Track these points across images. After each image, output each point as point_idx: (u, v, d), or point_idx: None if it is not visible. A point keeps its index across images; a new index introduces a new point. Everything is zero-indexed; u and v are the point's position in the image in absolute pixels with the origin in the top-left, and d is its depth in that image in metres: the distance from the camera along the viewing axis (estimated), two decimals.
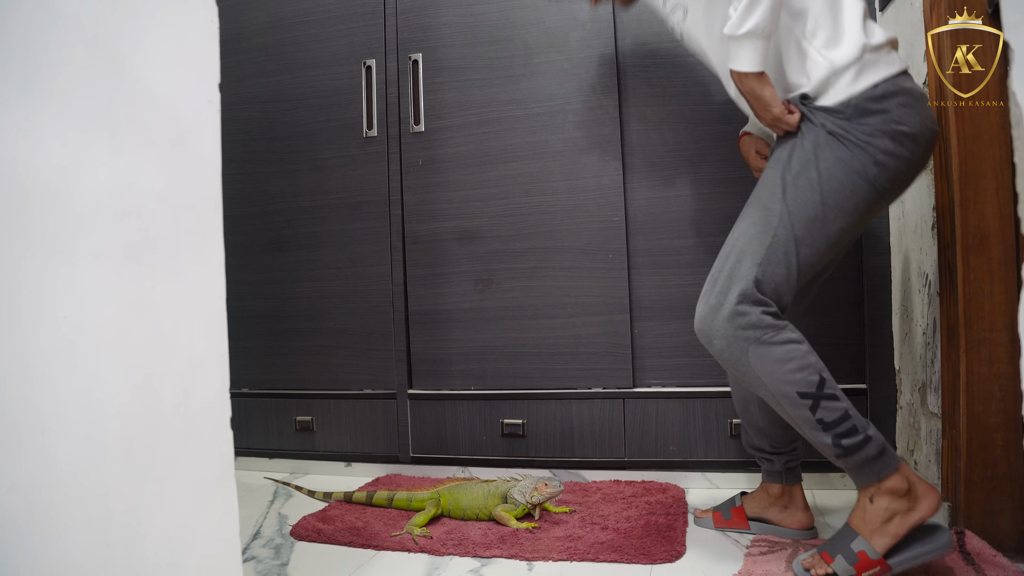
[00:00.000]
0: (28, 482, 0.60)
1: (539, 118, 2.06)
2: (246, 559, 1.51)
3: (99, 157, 0.69)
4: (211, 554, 0.84)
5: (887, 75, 1.20)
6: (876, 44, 1.21)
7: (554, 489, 1.63)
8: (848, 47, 1.19)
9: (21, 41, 0.61)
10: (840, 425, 1.18)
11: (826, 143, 1.19)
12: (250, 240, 2.32)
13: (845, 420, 1.18)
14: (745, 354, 1.21)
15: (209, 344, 0.84)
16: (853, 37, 1.20)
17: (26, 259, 0.61)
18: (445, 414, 2.14)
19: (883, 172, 1.19)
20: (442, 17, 2.14)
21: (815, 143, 1.20)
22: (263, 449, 2.33)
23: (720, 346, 1.23)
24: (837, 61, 1.19)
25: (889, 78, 1.19)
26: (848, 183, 1.19)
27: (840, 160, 1.18)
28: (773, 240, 1.22)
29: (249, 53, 2.33)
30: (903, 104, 1.18)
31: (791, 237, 1.21)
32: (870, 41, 1.20)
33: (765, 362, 1.20)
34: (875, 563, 1.17)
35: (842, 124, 1.18)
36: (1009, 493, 1.34)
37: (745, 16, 1.16)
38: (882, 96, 1.18)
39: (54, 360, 0.63)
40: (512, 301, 2.08)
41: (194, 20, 0.83)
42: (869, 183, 1.19)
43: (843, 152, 1.18)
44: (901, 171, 1.22)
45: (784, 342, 1.20)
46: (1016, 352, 1.31)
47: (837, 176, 1.19)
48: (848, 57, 1.19)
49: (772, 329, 1.20)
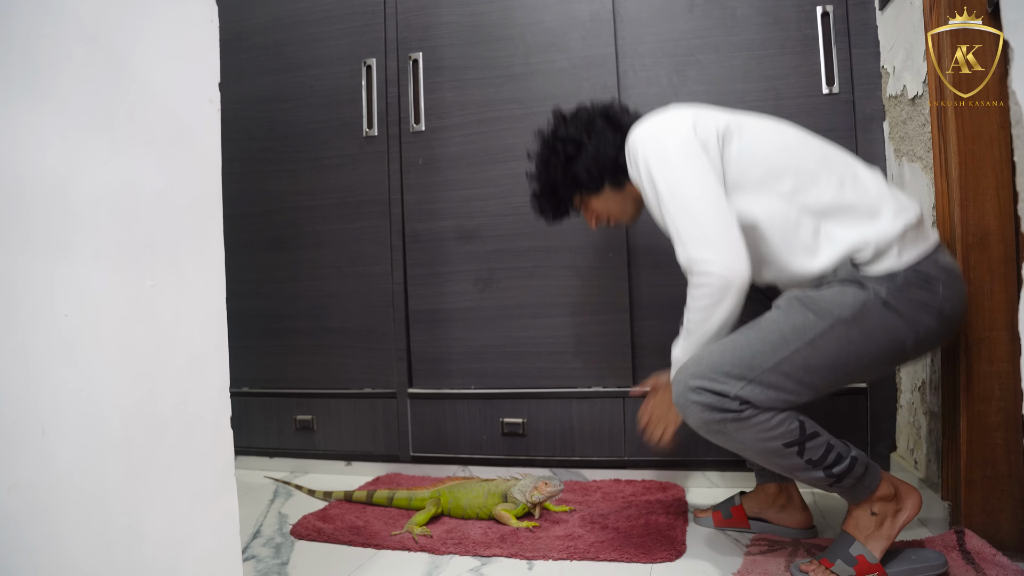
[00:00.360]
0: (28, 481, 0.60)
1: (539, 117, 2.04)
2: (246, 558, 1.51)
3: (99, 156, 0.69)
4: (211, 553, 0.84)
5: (927, 251, 1.23)
6: (915, 221, 1.23)
7: (554, 488, 1.63)
8: (888, 225, 1.21)
9: (21, 39, 0.61)
10: (827, 458, 1.20)
11: (875, 308, 1.19)
12: (250, 239, 2.32)
13: (830, 451, 1.20)
14: (723, 432, 1.21)
15: (209, 343, 0.84)
16: (888, 215, 1.22)
17: (26, 258, 0.61)
18: (445, 413, 2.14)
19: (919, 343, 1.22)
20: (442, 16, 2.14)
21: (864, 305, 1.19)
22: (263, 448, 2.33)
23: (694, 424, 1.22)
24: (877, 239, 1.21)
25: (929, 254, 1.22)
26: (886, 348, 1.20)
27: (886, 328, 1.19)
28: (775, 367, 1.18)
29: (249, 52, 2.33)
30: (948, 285, 1.21)
31: (796, 373, 1.18)
32: (910, 219, 1.22)
33: (744, 432, 1.19)
34: (874, 568, 1.20)
35: (894, 294, 1.19)
36: (1009, 492, 1.34)
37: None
38: (928, 277, 1.20)
39: (54, 359, 0.63)
40: (512, 300, 2.08)
41: (194, 19, 0.83)
42: (904, 351, 1.22)
43: (891, 321, 1.19)
44: (933, 343, 1.26)
45: (759, 414, 1.18)
46: (1016, 351, 1.31)
47: (877, 339, 1.19)
48: (891, 235, 1.20)
49: (749, 410, 1.17)
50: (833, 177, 1.26)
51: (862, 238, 1.21)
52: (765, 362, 1.17)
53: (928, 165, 1.52)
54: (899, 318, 1.18)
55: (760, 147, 1.29)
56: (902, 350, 1.22)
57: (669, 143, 1.29)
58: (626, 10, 2.00)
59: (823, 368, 1.18)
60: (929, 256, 1.22)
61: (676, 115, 1.34)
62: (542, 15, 2.06)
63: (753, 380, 1.17)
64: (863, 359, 1.20)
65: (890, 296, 1.18)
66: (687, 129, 1.29)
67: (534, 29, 2.06)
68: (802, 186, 1.25)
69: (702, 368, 1.20)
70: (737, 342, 1.21)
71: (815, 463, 1.20)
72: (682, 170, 1.26)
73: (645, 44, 1.99)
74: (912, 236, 1.22)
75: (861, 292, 1.19)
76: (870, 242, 1.20)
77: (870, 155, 1.83)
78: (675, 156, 1.27)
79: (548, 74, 2.05)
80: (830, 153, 1.31)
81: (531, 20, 2.07)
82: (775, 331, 1.20)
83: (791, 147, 1.30)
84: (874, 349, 1.20)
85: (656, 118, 1.35)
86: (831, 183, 1.25)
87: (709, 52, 1.94)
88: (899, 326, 1.19)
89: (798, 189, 1.25)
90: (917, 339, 1.20)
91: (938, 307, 1.20)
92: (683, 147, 1.27)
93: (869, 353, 1.20)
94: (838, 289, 1.21)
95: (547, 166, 1.51)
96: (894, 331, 1.19)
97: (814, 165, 1.27)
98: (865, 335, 1.18)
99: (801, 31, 1.89)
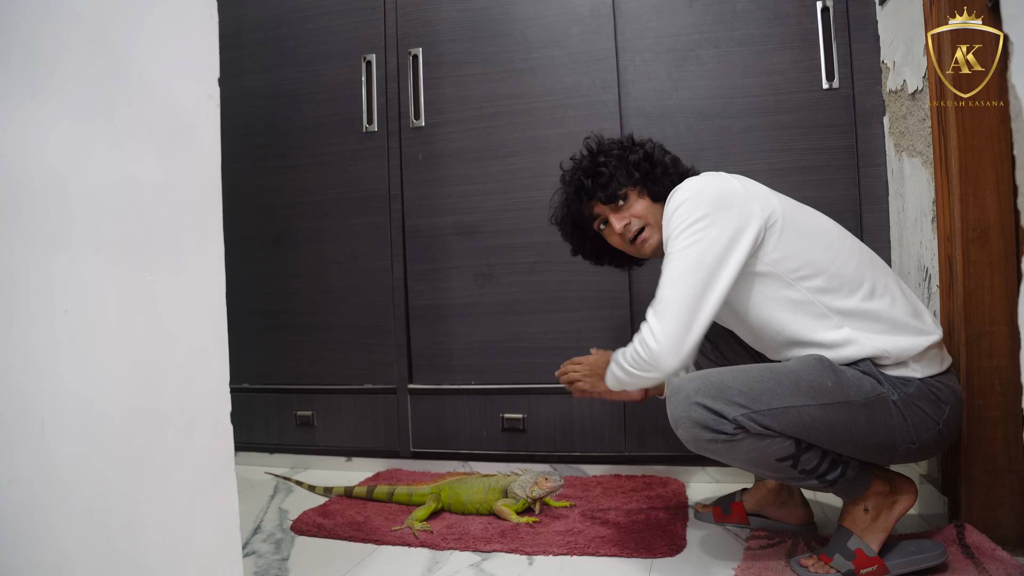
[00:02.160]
0: (28, 476, 0.60)
1: (539, 113, 2.05)
2: (246, 554, 1.51)
3: (98, 151, 0.69)
4: (211, 549, 0.84)
5: (942, 372, 1.26)
6: (936, 343, 1.25)
7: (554, 484, 1.63)
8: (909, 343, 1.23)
9: (21, 34, 0.61)
10: (821, 466, 1.22)
11: (885, 404, 1.21)
12: (251, 235, 2.32)
13: (824, 459, 1.21)
14: (711, 452, 1.21)
15: (209, 338, 0.84)
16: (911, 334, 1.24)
17: (26, 253, 0.61)
18: (445, 409, 2.14)
19: (909, 452, 1.24)
20: (442, 12, 2.13)
21: (879, 397, 1.21)
22: (263, 444, 2.33)
23: (684, 437, 1.22)
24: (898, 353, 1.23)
25: (943, 374, 1.26)
26: (881, 443, 1.21)
27: (888, 426, 1.21)
28: (781, 410, 1.17)
29: (249, 48, 2.32)
30: (954, 409, 1.25)
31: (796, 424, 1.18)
32: (932, 341, 1.24)
33: (733, 451, 1.19)
34: (872, 561, 1.21)
35: (905, 400, 1.21)
36: (1009, 487, 1.34)
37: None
38: (940, 396, 1.23)
39: (54, 354, 0.63)
40: (512, 296, 2.08)
41: (193, 14, 0.83)
42: (894, 452, 1.23)
43: (895, 422, 1.21)
44: (920, 455, 1.27)
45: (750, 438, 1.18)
46: (1016, 346, 1.31)
47: (877, 432, 1.21)
48: (910, 353, 1.23)
49: (741, 434, 1.17)
50: (866, 285, 1.25)
51: (883, 350, 1.22)
52: (773, 401, 1.17)
53: (928, 160, 1.52)
54: (904, 422, 1.21)
55: (801, 241, 1.26)
56: (892, 451, 1.23)
57: (714, 218, 1.23)
58: (626, 5, 1.99)
59: (820, 432, 1.18)
60: (943, 376, 1.25)
61: (735, 190, 1.28)
62: (542, 10, 2.05)
63: (755, 412, 1.16)
64: (857, 443, 1.21)
65: (901, 401, 1.21)
66: (744, 213, 1.24)
67: (534, 24, 2.06)
68: (833, 288, 1.25)
69: (708, 386, 1.19)
70: (751, 374, 1.20)
71: (809, 472, 1.21)
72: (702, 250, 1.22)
73: (645, 39, 1.98)
74: (931, 356, 1.25)
75: (879, 386, 1.21)
76: (891, 354, 1.22)
77: (870, 150, 1.83)
78: (709, 232, 1.23)
79: (548, 69, 2.05)
80: (867, 259, 1.30)
81: (531, 15, 2.06)
82: (792, 380, 1.19)
83: (832, 246, 1.28)
84: (871, 438, 1.20)
85: (715, 182, 1.29)
86: (862, 291, 1.25)
87: (709, 47, 1.94)
88: (900, 429, 1.21)
89: (828, 289, 1.25)
90: (909, 447, 1.22)
91: (939, 426, 1.22)
92: (726, 231, 1.23)
93: (865, 440, 1.20)
94: (858, 374, 1.22)
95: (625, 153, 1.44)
96: (894, 432, 1.21)
97: (851, 271, 1.26)
98: (869, 423, 1.20)
99: (801, 26, 1.88)
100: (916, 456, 1.26)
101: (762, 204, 1.26)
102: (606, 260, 1.58)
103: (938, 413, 1.22)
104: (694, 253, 1.22)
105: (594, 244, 1.54)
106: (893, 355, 1.22)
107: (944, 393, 1.23)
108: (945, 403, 1.23)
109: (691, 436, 1.19)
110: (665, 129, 1.96)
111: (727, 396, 1.17)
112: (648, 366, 1.23)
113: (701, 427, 1.17)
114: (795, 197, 1.39)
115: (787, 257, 1.25)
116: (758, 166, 1.90)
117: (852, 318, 1.24)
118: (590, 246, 1.55)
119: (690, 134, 1.95)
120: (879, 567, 1.21)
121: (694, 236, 1.23)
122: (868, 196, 1.85)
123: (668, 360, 1.21)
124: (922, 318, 1.27)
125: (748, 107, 1.92)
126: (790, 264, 1.25)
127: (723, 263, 1.22)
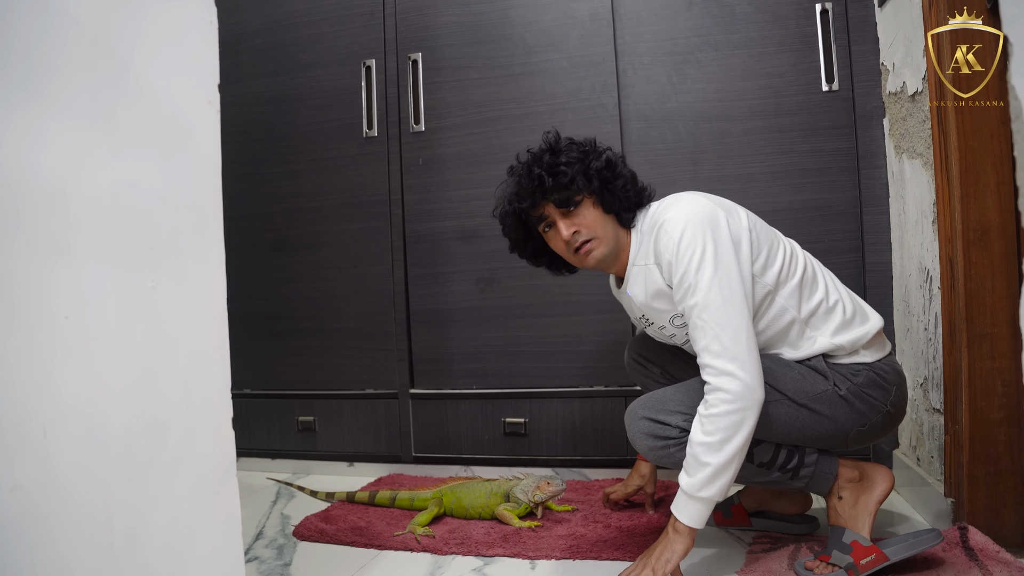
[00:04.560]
0: (29, 484, 0.60)
1: (539, 117, 2.05)
2: (249, 560, 1.51)
3: (99, 157, 0.69)
4: (213, 554, 0.83)
5: (886, 355, 1.35)
6: (879, 329, 1.35)
7: (556, 488, 1.63)
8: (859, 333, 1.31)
9: (20, 41, 0.61)
10: (778, 457, 1.31)
11: (830, 399, 1.28)
12: (251, 241, 2.32)
13: (779, 450, 1.31)
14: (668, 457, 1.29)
15: (210, 344, 0.84)
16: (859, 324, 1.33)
17: (26, 260, 0.61)
18: (447, 413, 2.14)
19: (860, 435, 1.32)
20: (441, 17, 2.14)
21: (822, 395, 1.28)
22: (265, 449, 2.33)
23: (642, 450, 1.32)
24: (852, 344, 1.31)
25: (887, 357, 1.35)
26: (829, 432, 1.29)
27: (833, 418, 1.28)
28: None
29: (249, 54, 2.33)
30: (900, 389, 1.34)
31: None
32: (876, 328, 1.34)
33: None
34: (870, 550, 1.23)
35: (853, 391, 1.29)
36: (1012, 488, 1.34)
37: (708, 483, 1.18)
38: (886, 381, 1.31)
39: (55, 361, 0.63)
40: (513, 300, 2.08)
41: (193, 20, 0.83)
42: (846, 439, 1.31)
43: (842, 413, 1.28)
44: (873, 436, 1.35)
45: None
46: (1018, 347, 1.31)
47: (823, 424, 1.28)
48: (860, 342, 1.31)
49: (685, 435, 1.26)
50: (821, 285, 1.33)
51: (837, 345, 1.30)
52: None
53: (928, 162, 1.52)
54: (850, 411, 1.29)
55: (773, 250, 1.31)
56: (844, 438, 1.31)
57: (715, 238, 1.23)
58: (625, 9, 2.00)
59: (763, 428, 1.24)
60: (887, 359, 1.34)
61: (711, 207, 1.27)
62: (541, 14, 2.06)
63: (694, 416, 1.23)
64: (805, 433, 1.29)
65: (848, 392, 1.29)
66: (734, 224, 1.26)
67: (533, 28, 2.06)
68: (800, 291, 1.31)
69: (651, 403, 1.30)
70: (691, 386, 1.30)
71: (767, 465, 1.30)
72: (727, 272, 1.21)
73: (644, 43, 1.98)
74: (878, 342, 1.35)
75: (823, 382, 1.28)
76: (844, 347, 1.30)
77: (870, 152, 1.83)
78: (721, 253, 1.22)
79: (548, 73, 2.05)
80: (811, 258, 1.38)
81: (530, 19, 2.07)
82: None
83: (795, 252, 1.35)
84: (818, 430, 1.29)
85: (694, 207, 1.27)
86: (820, 292, 1.32)
87: (708, 50, 1.94)
88: (848, 418, 1.29)
89: (796, 292, 1.31)
90: (860, 432, 1.30)
91: (887, 408, 1.31)
92: (728, 244, 1.23)
93: (812, 430, 1.28)
94: (803, 372, 1.30)
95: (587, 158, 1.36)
96: (841, 422, 1.29)
97: (810, 273, 1.34)
98: (813, 418, 1.28)
99: (800, 28, 1.88)
100: (869, 438, 1.34)
101: (739, 213, 1.31)
102: (544, 262, 1.50)
103: (885, 396, 1.30)
104: (723, 279, 1.21)
105: (536, 244, 1.46)
106: (847, 347, 1.30)
107: (890, 375, 1.32)
108: (892, 384, 1.31)
109: (645, 447, 1.29)
110: (665, 132, 1.96)
111: (668, 407, 1.28)
112: (742, 412, 1.16)
113: (651, 436, 1.28)
114: (796, 199, 1.40)
115: (767, 265, 1.29)
116: (758, 169, 1.90)
117: (814, 317, 1.31)
118: (531, 246, 1.46)
119: (690, 137, 1.95)
120: (877, 555, 1.22)
121: (710, 267, 1.21)
122: (868, 198, 1.85)
123: (759, 390, 1.18)
124: (864, 308, 1.36)
125: (748, 110, 1.92)
126: (772, 271, 1.29)
127: (744, 275, 1.24)
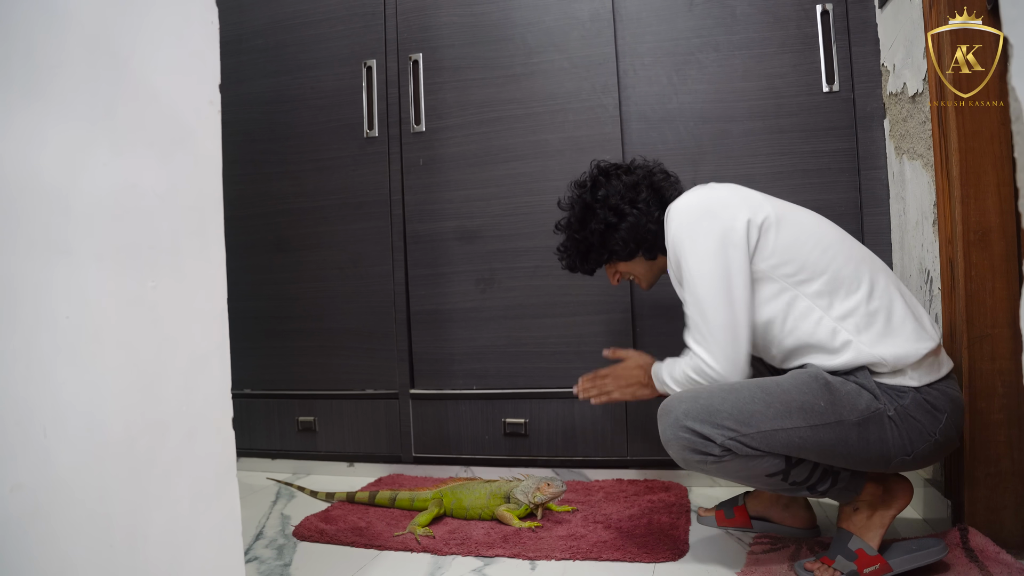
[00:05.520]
0: (30, 483, 0.60)
1: (540, 117, 2.05)
2: (249, 560, 1.51)
3: (100, 158, 0.69)
4: (213, 555, 0.84)
5: (940, 378, 1.24)
6: (935, 349, 1.23)
7: (556, 488, 1.63)
8: (906, 348, 1.21)
9: (22, 41, 0.62)
10: (812, 478, 1.24)
11: (880, 420, 1.20)
12: (252, 241, 2.32)
13: (814, 472, 1.23)
14: (702, 471, 1.25)
15: (211, 344, 0.84)
16: (909, 339, 1.22)
17: (27, 260, 0.61)
18: (447, 414, 2.14)
19: (904, 462, 1.22)
20: (442, 17, 2.14)
21: (873, 415, 1.20)
22: (265, 450, 2.33)
23: (674, 455, 1.25)
24: (895, 360, 1.21)
25: (941, 381, 1.24)
26: (874, 456, 1.21)
27: (882, 440, 1.20)
28: (770, 433, 1.18)
29: (250, 54, 2.33)
30: (951, 417, 1.23)
31: (786, 445, 1.19)
32: (930, 347, 1.22)
33: (727, 470, 1.22)
34: (874, 560, 1.21)
35: (901, 413, 1.20)
36: (1012, 489, 1.34)
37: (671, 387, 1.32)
38: (935, 407, 1.21)
39: (56, 360, 0.63)
40: (513, 300, 2.08)
41: (194, 21, 0.83)
42: (888, 462, 1.22)
43: (890, 436, 1.20)
44: (918, 464, 1.25)
45: (738, 459, 1.20)
46: (1018, 348, 1.30)
47: (871, 447, 1.20)
48: (908, 359, 1.21)
49: (729, 456, 1.19)
50: (864, 287, 1.25)
51: (880, 357, 1.21)
52: (762, 424, 1.18)
53: (929, 162, 1.52)
54: (898, 436, 1.20)
55: (796, 245, 1.27)
56: (886, 463, 1.22)
57: (705, 228, 1.28)
58: (626, 9, 2.00)
59: (810, 451, 1.20)
60: (941, 383, 1.23)
61: (720, 196, 1.32)
62: (542, 15, 2.06)
63: (743, 436, 1.18)
64: (849, 458, 1.21)
65: (896, 415, 1.20)
66: (729, 216, 1.27)
67: (534, 29, 2.06)
68: (831, 290, 1.25)
69: (697, 409, 1.20)
70: (741, 394, 1.21)
71: (799, 484, 1.24)
72: (709, 264, 1.26)
73: (645, 43, 1.99)
74: (929, 363, 1.23)
75: (874, 402, 1.20)
76: (887, 362, 1.20)
77: (871, 153, 1.83)
78: (706, 244, 1.27)
79: (548, 74, 2.05)
80: (867, 261, 1.30)
81: (531, 20, 2.07)
82: (783, 401, 1.19)
83: (830, 249, 1.28)
84: (864, 453, 1.20)
85: (700, 195, 1.34)
86: (861, 292, 1.24)
87: (709, 51, 1.94)
88: (895, 443, 1.20)
89: (826, 292, 1.25)
90: (904, 458, 1.21)
91: (935, 437, 1.21)
92: (718, 236, 1.26)
93: (857, 455, 1.20)
94: (855, 389, 1.21)
95: (583, 226, 1.49)
96: (888, 445, 1.20)
97: (849, 272, 1.25)
98: (862, 440, 1.19)
99: (801, 29, 1.88)
100: (912, 466, 1.25)
101: (751, 205, 1.29)
102: None
103: (934, 423, 1.21)
104: (705, 270, 1.26)
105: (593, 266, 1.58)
106: (890, 363, 1.20)
107: (940, 402, 1.21)
108: (942, 412, 1.21)
109: (680, 457, 1.24)
110: (665, 133, 1.97)
111: (715, 420, 1.18)
112: (708, 381, 1.27)
113: (689, 450, 1.20)
114: (796, 200, 1.39)
115: (785, 262, 1.26)
116: (759, 169, 1.90)
117: (849, 320, 1.23)
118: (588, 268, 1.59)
119: (690, 138, 1.95)
120: (881, 565, 1.21)
121: (699, 254, 1.27)
122: (869, 199, 1.84)
123: (726, 373, 1.26)
124: (921, 322, 1.26)
125: (748, 111, 1.92)
126: (787, 268, 1.26)
127: (731, 268, 1.25)
